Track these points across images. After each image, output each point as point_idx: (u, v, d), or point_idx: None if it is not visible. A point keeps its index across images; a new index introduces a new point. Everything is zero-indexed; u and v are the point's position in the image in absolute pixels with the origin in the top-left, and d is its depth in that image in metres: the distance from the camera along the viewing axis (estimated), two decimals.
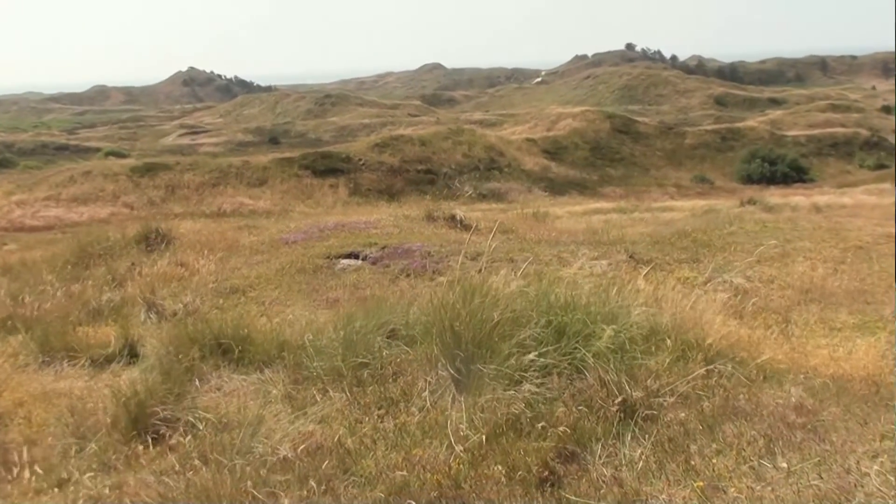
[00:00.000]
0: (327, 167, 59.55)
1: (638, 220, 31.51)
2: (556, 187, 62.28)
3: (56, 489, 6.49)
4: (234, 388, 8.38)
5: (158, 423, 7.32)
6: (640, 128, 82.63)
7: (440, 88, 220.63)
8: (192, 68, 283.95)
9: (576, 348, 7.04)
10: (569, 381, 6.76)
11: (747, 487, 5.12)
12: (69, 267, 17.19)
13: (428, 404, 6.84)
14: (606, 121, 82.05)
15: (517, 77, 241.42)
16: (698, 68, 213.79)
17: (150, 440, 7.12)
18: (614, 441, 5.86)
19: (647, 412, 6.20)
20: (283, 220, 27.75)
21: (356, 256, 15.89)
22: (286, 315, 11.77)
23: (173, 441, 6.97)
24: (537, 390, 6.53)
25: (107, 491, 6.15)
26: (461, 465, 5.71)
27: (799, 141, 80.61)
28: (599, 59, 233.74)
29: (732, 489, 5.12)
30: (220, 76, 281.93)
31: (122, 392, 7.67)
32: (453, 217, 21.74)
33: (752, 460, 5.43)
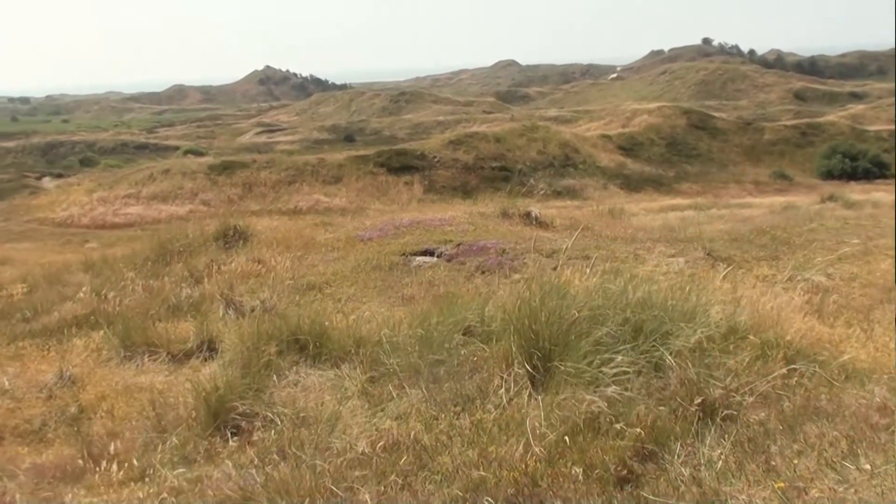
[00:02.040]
0: (402, 164, 59.79)
1: (715, 217, 31.21)
2: (632, 184, 61.96)
3: (139, 481, 6.59)
4: (312, 383, 8.43)
5: (237, 417, 7.41)
6: (717, 123, 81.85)
7: (514, 85, 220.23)
8: (268, 67, 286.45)
9: (653, 346, 6.98)
10: (647, 380, 6.70)
11: (829, 489, 5.03)
12: (149, 264, 17.43)
13: (504, 402, 6.82)
14: (683, 116, 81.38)
15: (592, 73, 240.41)
16: (777, 62, 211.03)
17: (229, 434, 7.21)
18: (693, 440, 5.79)
19: (726, 412, 6.12)
20: (359, 217, 27.84)
21: (431, 253, 15.91)
22: (362, 312, 11.80)
23: (252, 436, 7.04)
24: (615, 389, 6.48)
25: (188, 484, 6.23)
26: (538, 463, 5.68)
27: (881, 136, 79.18)
28: (676, 55, 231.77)
29: (814, 490, 5.03)
30: (295, 75, 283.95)
31: (202, 387, 7.76)
32: (528, 214, 21.68)
33: (834, 461, 5.33)
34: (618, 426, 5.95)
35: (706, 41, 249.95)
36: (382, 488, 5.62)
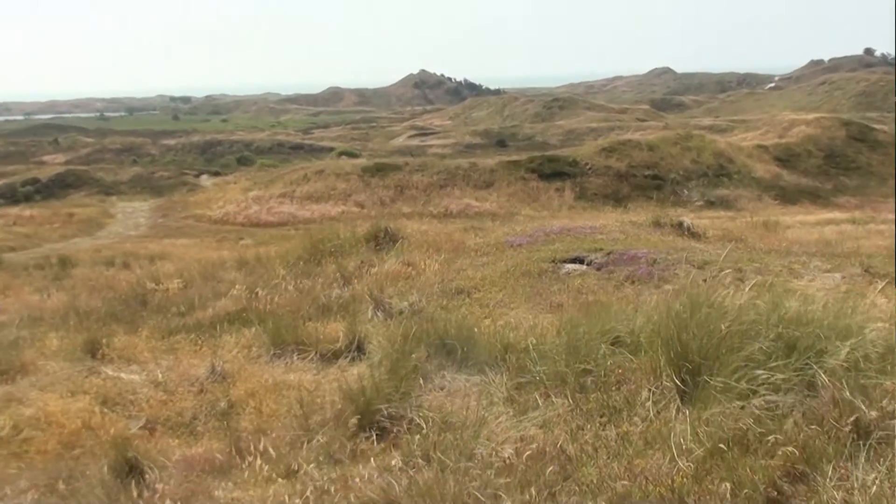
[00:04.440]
0: (553, 171, 59.67)
1: (874, 231, 30.37)
2: (787, 196, 60.69)
3: (285, 478, 6.69)
4: (458, 388, 8.45)
5: (383, 419, 7.46)
6: (877, 136, 79.59)
7: (669, 93, 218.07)
8: (422, 71, 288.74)
9: (807, 364, 6.81)
10: (799, 398, 6.54)
11: None
12: (301, 263, 17.71)
13: (651, 414, 6.74)
14: (842, 128, 79.40)
15: (749, 82, 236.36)
16: None
17: (374, 436, 7.26)
18: (846, 463, 5.62)
19: (882, 434, 5.93)
20: (509, 222, 27.84)
21: (581, 261, 15.80)
22: (510, 318, 11.79)
23: (397, 438, 7.09)
24: (766, 406, 6.35)
25: (333, 484, 6.30)
26: (684, 479, 5.60)
27: None
28: (836, 64, 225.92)
29: None
30: (449, 79, 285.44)
31: (350, 387, 7.84)
32: (681, 224, 21.43)
33: None
34: (768, 444, 5.82)
35: (868, 51, 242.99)
36: (526, 497, 5.60)
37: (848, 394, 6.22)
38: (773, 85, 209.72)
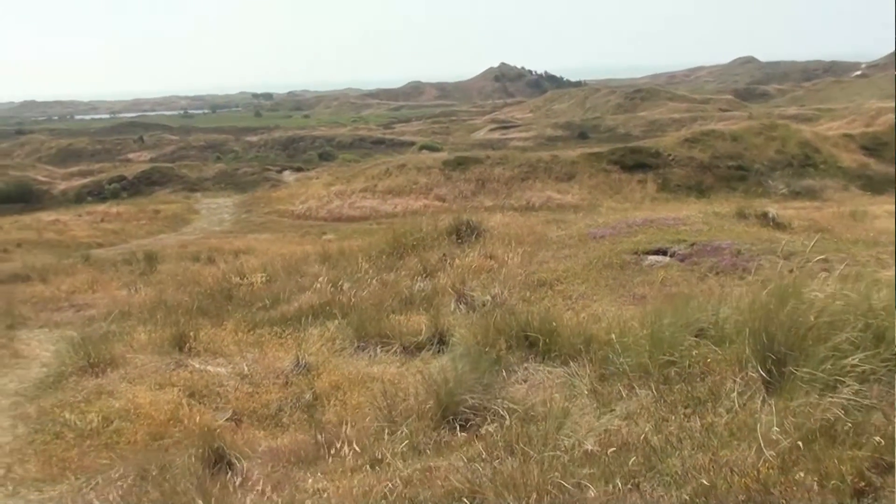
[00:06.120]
0: (636, 162, 59.15)
1: None
2: (875, 185, 59.48)
3: (370, 469, 6.73)
4: (540, 380, 8.45)
5: (466, 411, 7.48)
6: None
7: (753, 82, 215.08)
8: (503, 64, 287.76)
9: (895, 354, 6.71)
10: (887, 389, 6.45)
11: None
12: (383, 256, 17.79)
13: (736, 406, 6.66)
14: None
15: (835, 70, 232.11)
16: None
17: (457, 427, 7.28)
18: None
19: None
20: (591, 214, 27.71)
21: (664, 253, 15.70)
22: (592, 310, 11.76)
23: (480, 430, 7.10)
24: (853, 397, 6.25)
25: (417, 474, 6.33)
26: (770, 470, 5.53)
27: None
28: None
29: None
30: (530, 72, 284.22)
31: (433, 379, 7.88)
32: (765, 215, 21.18)
33: None
34: (855, 435, 5.74)
35: None
36: (610, 488, 5.58)
37: None
38: (859, 73, 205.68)
